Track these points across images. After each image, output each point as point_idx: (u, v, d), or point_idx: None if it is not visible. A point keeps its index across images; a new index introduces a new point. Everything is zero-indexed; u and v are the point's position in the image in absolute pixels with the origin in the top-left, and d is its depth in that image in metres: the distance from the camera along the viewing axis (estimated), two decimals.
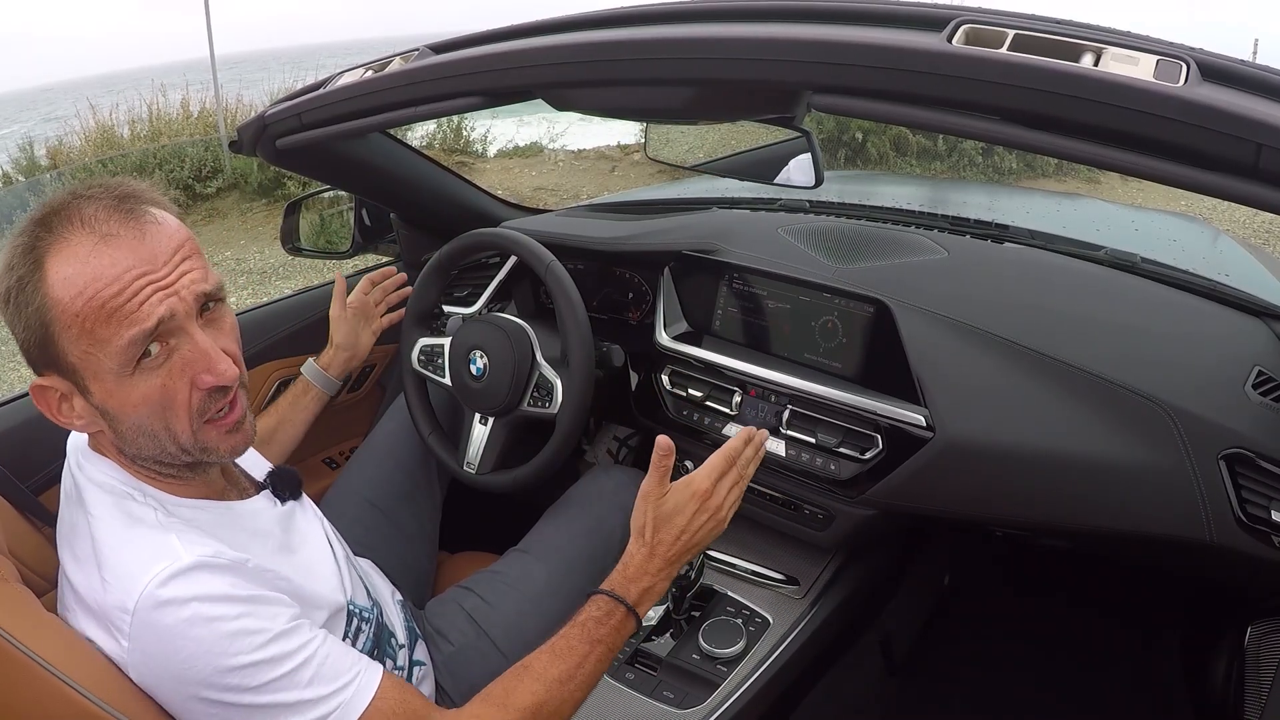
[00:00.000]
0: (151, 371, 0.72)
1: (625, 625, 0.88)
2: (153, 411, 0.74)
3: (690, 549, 0.91)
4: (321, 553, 0.94)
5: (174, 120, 7.12)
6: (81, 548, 0.77)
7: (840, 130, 6.94)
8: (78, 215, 0.71)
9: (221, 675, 0.71)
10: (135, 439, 0.75)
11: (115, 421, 0.75)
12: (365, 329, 1.37)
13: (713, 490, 0.91)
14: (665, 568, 0.90)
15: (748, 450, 0.95)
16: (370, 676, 0.79)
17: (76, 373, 0.72)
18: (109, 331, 0.70)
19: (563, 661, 0.84)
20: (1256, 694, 1.10)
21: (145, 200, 0.74)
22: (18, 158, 7.00)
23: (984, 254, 1.22)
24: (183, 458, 0.78)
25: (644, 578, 0.89)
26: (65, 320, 0.69)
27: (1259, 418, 0.90)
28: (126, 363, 0.71)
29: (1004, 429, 0.98)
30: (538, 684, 0.83)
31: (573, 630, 0.87)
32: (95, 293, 0.69)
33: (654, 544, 0.90)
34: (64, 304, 0.69)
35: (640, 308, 1.45)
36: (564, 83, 0.89)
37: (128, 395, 0.72)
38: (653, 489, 0.90)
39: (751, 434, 0.96)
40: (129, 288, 0.70)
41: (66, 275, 0.69)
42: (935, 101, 0.65)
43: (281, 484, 0.93)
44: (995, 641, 1.55)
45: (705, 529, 0.91)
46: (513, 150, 7.54)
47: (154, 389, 0.73)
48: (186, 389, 0.74)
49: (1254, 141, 0.54)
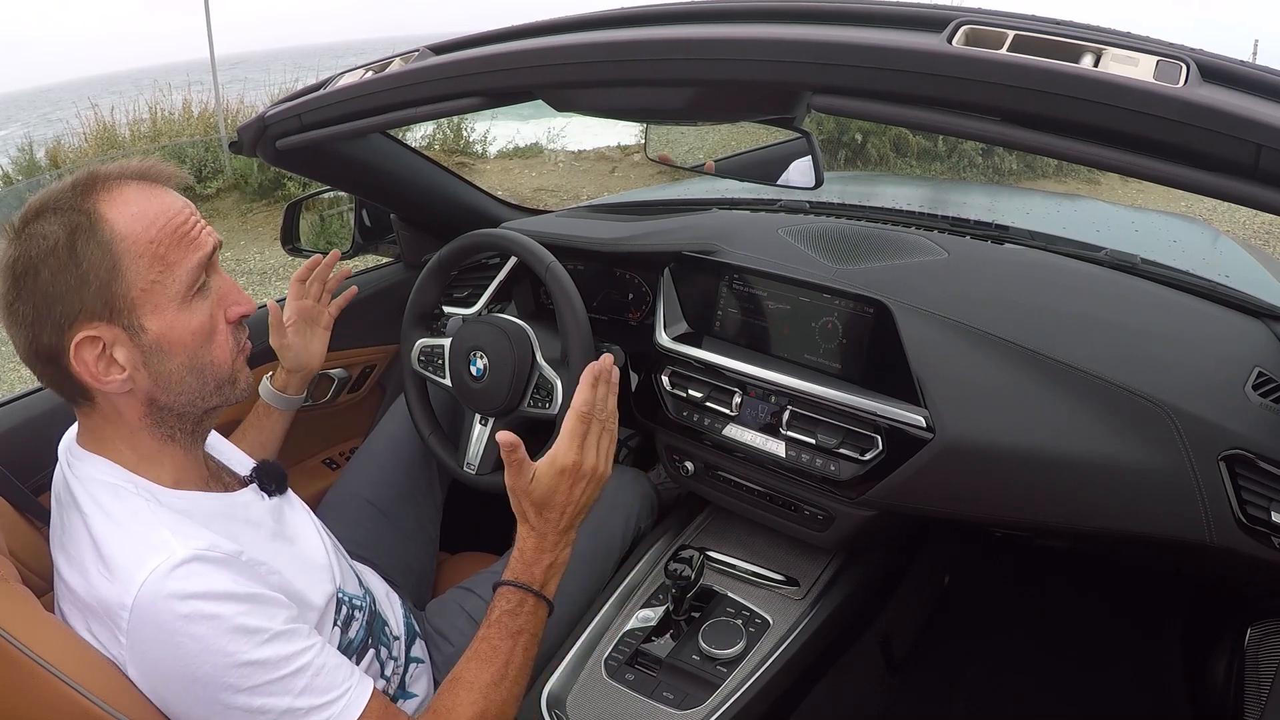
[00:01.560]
0: (202, 300, 0.79)
1: (539, 610, 0.89)
2: (202, 343, 0.80)
3: (580, 513, 0.90)
4: (312, 543, 0.94)
5: (174, 120, 7.13)
6: (75, 547, 0.77)
7: (840, 131, 6.94)
8: (118, 172, 0.77)
9: (219, 673, 0.71)
10: (181, 378, 0.79)
11: (164, 360, 0.77)
12: (313, 337, 1.24)
13: (579, 459, 0.88)
14: (559, 540, 0.90)
15: (600, 390, 0.90)
16: (360, 694, 0.79)
17: (134, 310, 0.75)
18: (180, 255, 0.77)
19: (490, 664, 0.85)
20: (1256, 694, 1.10)
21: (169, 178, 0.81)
22: (17, 158, 7.00)
23: (984, 255, 1.22)
24: (213, 398, 0.82)
25: (542, 557, 0.89)
26: (138, 250, 0.74)
27: (1259, 419, 0.90)
28: (191, 286, 0.78)
29: (1004, 430, 0.98)
30: (473, 693, 0.83)
31: (490, 630, 0.87)
32: (166, 220, 0.76)
33: (541, 527, 0.89)
34: (135, 235, 0.75)
35: (640, 308, 1.45)
36: (564, 83, 0.89)
37: (187, 324, 0.78)
38: (516, 483, 0.88)
39: (599, 370, 0.90)
40: (189, 219, 0.79)
41: (134, 211, 0.75)
42: (935, 102, 0.65)
43: (268, 477, 0.94)
44: (995, 641, 1.55)
45: (588, 492, 0.89)
46: (513, 151, 7.54)
47: (205, 318, 0.79)
48: (222, 321, 0.82)
49: (1254, 142, 0.54)
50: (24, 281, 0.74)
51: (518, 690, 0.86)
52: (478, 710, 0.82)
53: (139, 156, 0.81)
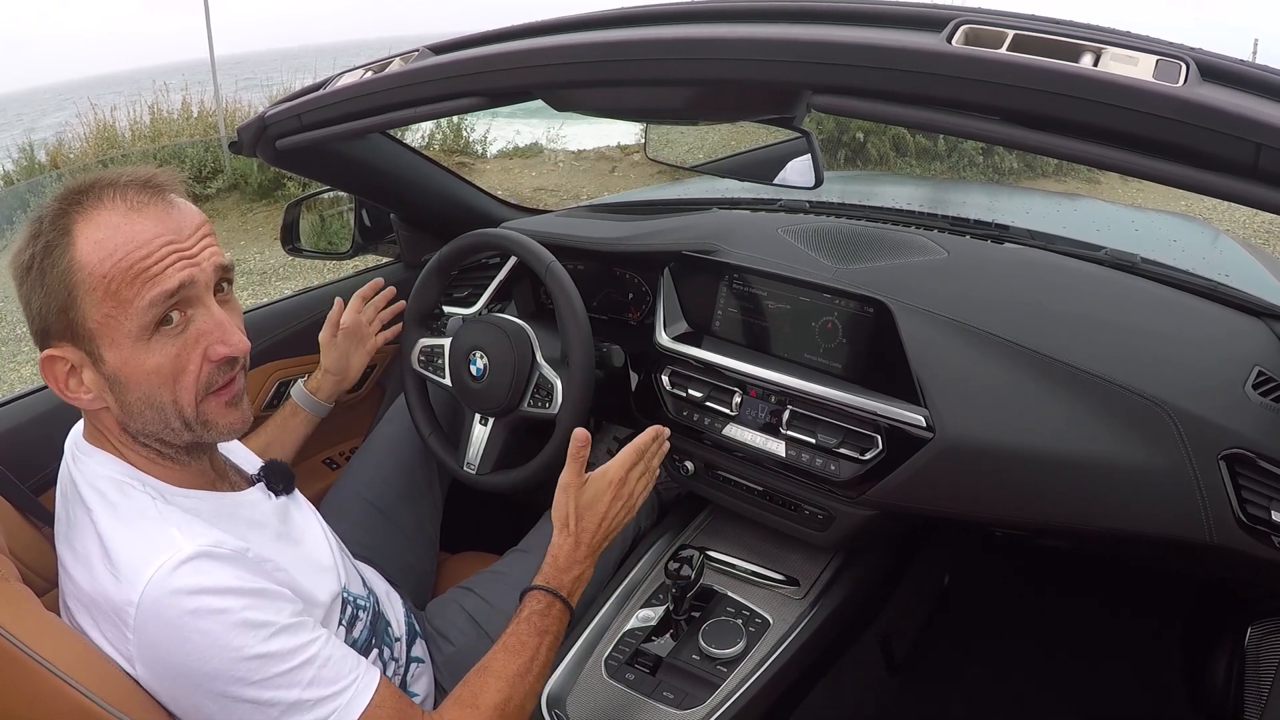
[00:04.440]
0: (169, 339, 0.75)
1: (563, 616, 0.94)
2: (163, 382, 0.75)
3: (609, 534, 0.99)
4: (318, 543, 0.95)
5: (174, 120, 7.13)
6: (82, 543, 0.77)
7: (840, 131, 6.94)
8: (109, 188, 0.74)
9: (227, 667, 0.71)
10: (141, 411, 0.76)
11: (124, 392, 0.76)
12: (357, 351, 1.32)
13: (625, 478, 1.00)
14: (590, 555, 0.97)
15: (654, 445, 1.05)
16: (367, 682, 0.79)
17: (93, 340, 0.74)
18: (132, 292, 0.72)
19: (518, 657, 0.89)
20: (1256, 694, 1.10)
21: (168, 187, 0.78)
22: (18, 158, 7.01)
23: (984, 254, 1.22)
24: (183, 434, 0.79)
25: (574, 566, 0.96)
26: (91, 283, 0.72)
27: (1259, 418, 0.90)
28: (146, 325, 0.73)
29: (1004, 429, 0.98)
30: (500, 681, 0.87)
31: (519, 626, 0.92)
32: (124, 255, 0.72)
33: (578, 533, 0.97)
34: (91, 266, 0.72)
35: (640, 308, 1.45)
36: (564, 83, 0.89)
37: (142, 362, 0.74)
38: (572, 480, 0.97)
39: (660, 432, 1.06)
40: (156, 253, 0.73)
41: (97, 240, 0.72)
42: (935, 102, 0.65)
43: (275, 477, 0.94)
44: (995, 641, 1.55)
45: (619, 516, 1.00)
46: (513, 150, 7.55)
47: (168, 358, 0.75)
48: (198, 361, 0.77)
49: (1254, 141, 0.54)
50: (20, 286, 0.76)
51: (538, 687, 0.90)
52: (503, 697, 0.85)
53: (138, 160, 0.80)
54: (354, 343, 1.32)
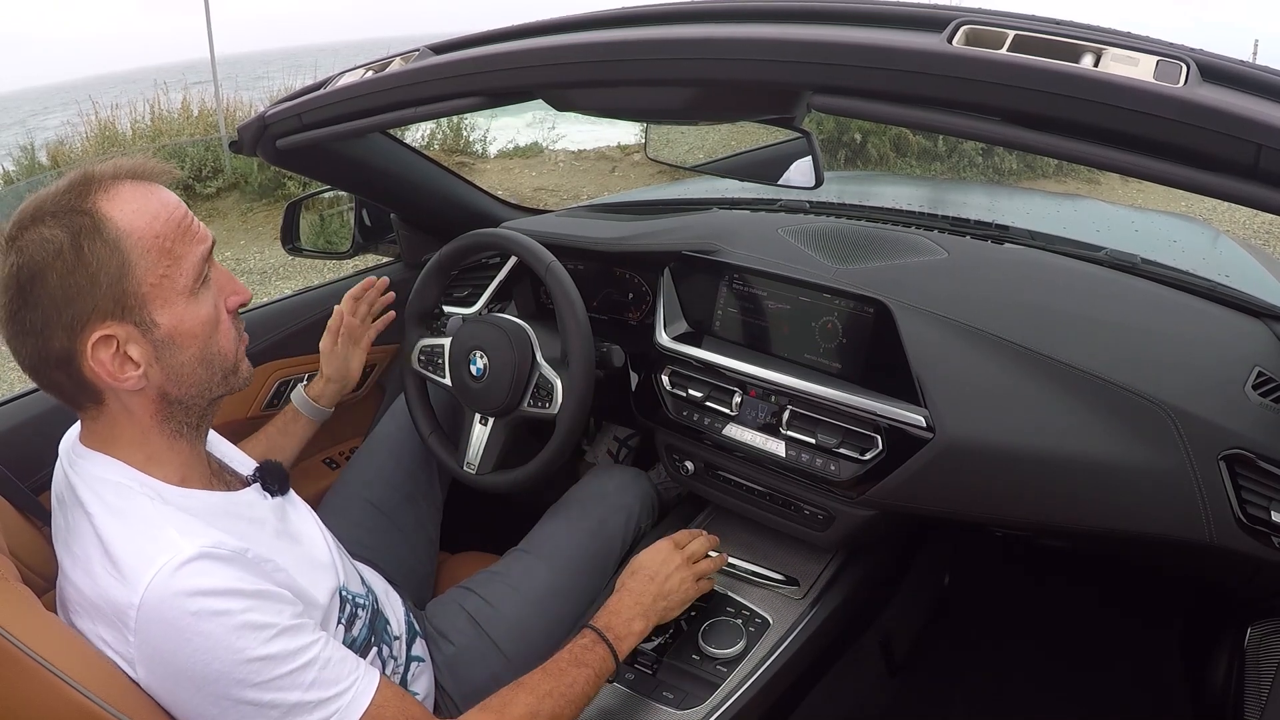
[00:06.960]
0: (206, 291, 0.80)
1: (607, 660, 0.94)
2: (209, 334, 0.81)
3: (657, 599, 1.00)
4: (315, 542, 0.95)
5: (174, 120, 7.13)
6: (81, 547, 0.77)
7: (840, 131, 6.93)
8: (111, 172, 0.77)
9: (228, 669, 0.71)
10: (193, 370, 0.80)
11: (175, 354, 0.78)
12: (354, 353, 1.32)
13: (684, 553, 1.06)
14: (642, 614, 0.99)
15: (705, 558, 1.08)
16: (368, 683, 0.79)
17: (144, 306, 0.76)
18: (185, 247, 0.78)
19: (552, 679, 0.89)
20: (1256, 694, 1.10)
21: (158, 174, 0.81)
22: (18, 157, 7.00)
23: (984, 254, 1.22)
24: (220, 387, 0.84)
25: (635, 620, 0.98)
26: (145, 245, 0.75)
27: (1259, 418, 0.90)
28: (197, 277, 0.79)
29: (1004, 430, 0.98)
30: (531, 695, 0.87)
31: (562, 654, 0.93)
32: (169, 215, 0.77)
33: (634, 590, 1.00)
34: (140, 230, 0.75)
35: (640, 308, 1.45)
36: (564, 83, 0.89)
37: (196, 315, 0.79)
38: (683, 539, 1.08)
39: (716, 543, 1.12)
40: (187, 214, 0.80)
41: (134, 208, 0.75)
42: (935, 102, 0.65)
43: (270, 478, 0.94)
44: (995, 641, 1.55)
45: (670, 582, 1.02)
46: (513, 150, 7.54)
47: (209, 309, 0.81)
48: (224, 310, 0.83)
49: (1254, 142, 0.54)
50: (30, 288, 0.72)
51: (570, 712, 0.89)
52: (530, 711, 0.86)
53: (131, 156, 0.81)
54: (350, 345, 1.31)
